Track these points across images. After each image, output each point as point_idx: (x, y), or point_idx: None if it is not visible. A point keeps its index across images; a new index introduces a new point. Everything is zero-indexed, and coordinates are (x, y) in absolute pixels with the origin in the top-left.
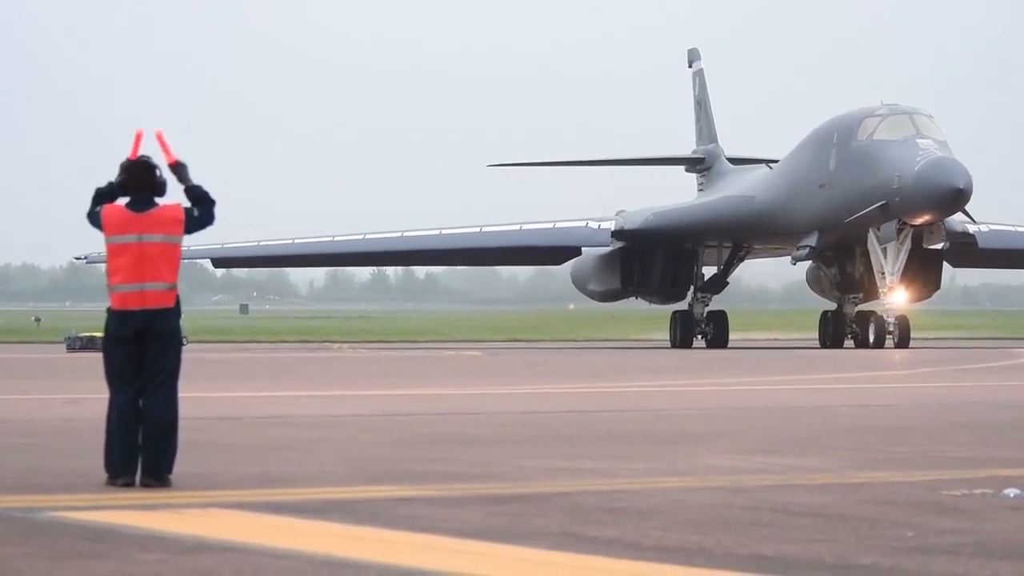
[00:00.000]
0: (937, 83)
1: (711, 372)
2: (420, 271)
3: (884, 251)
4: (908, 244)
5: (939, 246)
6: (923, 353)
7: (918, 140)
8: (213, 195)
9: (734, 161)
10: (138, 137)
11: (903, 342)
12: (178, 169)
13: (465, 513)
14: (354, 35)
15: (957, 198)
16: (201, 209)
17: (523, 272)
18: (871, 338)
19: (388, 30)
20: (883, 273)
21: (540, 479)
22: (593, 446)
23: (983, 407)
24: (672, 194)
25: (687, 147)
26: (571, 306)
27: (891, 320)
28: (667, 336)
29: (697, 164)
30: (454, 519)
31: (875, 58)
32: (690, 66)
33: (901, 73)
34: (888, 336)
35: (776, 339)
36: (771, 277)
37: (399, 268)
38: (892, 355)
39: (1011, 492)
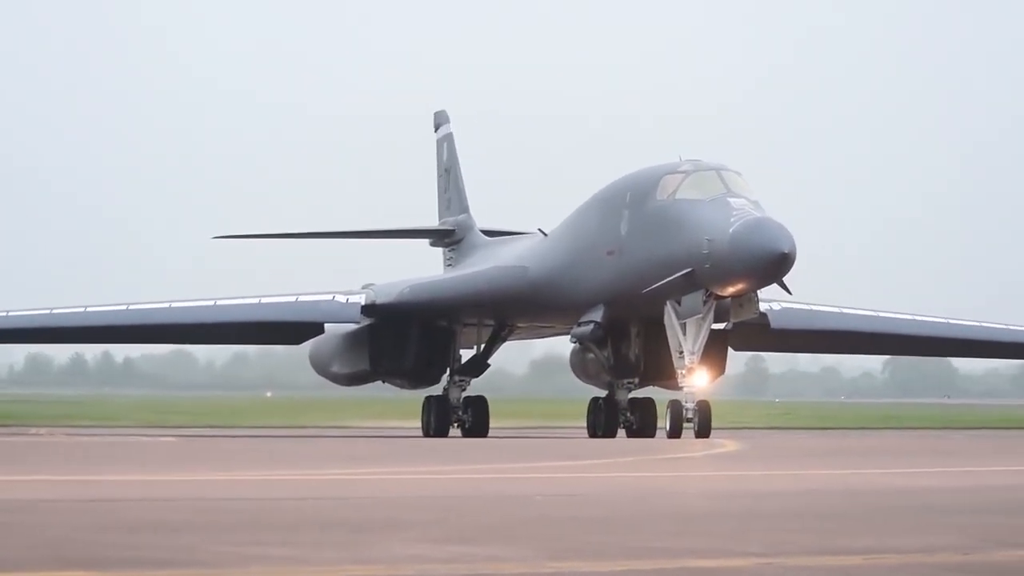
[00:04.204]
0: (720, 146)
1: (419, 460)
2: (118, 355)
3: (683, 326)
4: (711, 319)
5: (724, 324)
6: (629, 443)
7: (730, 199)
8: None
9: (490, 234)
10: None
11: (704, 430)
12: None
13: None
14: (56, 93)
15: (781, 264)
16: None
17: (220, 357)
18: (667, 426)
19: (98, 87)
20: (681, 352)
21: (232, 566)
22: (286, 533)
23: (683, 496)
24: (422, 271)
25: (432, 218)
26: (268, 393)
27: (690, 406)
28: (419, 424)
29: (446, 237)
30: None
31: (649, 122)
32: (436, 130)
33: (681, 138)
34: (687, 424)
35: (543, 427)
36: None
37: (98, 352)
38: (637, 443)
39: None
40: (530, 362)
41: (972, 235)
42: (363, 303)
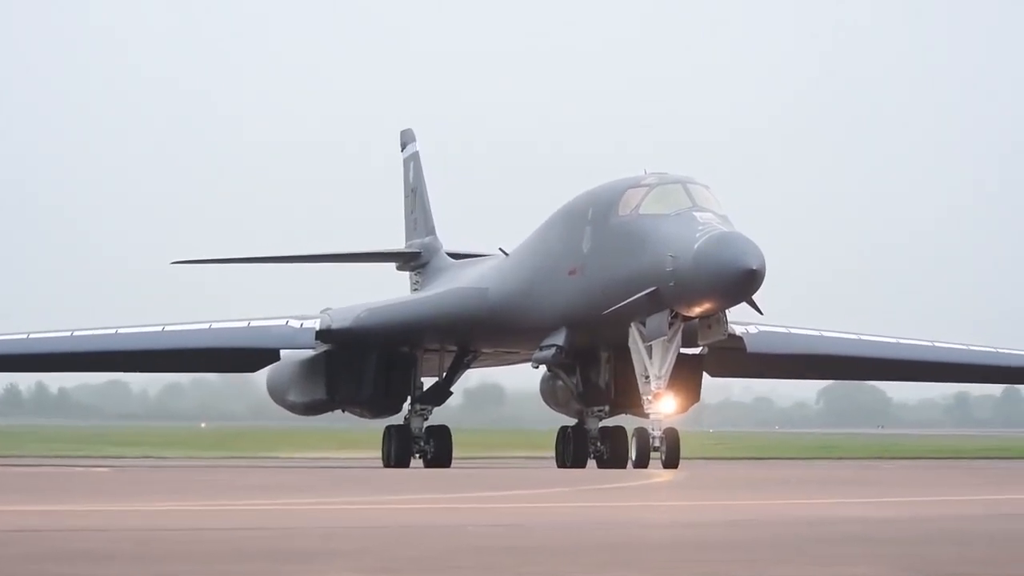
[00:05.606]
0: (691, 161)
1: (362, 490)
2: (52, 385)
3: (649, 349)
4: (678, 341)
5: (699, 348)
6: (576, 473)
7: (695, 213)
8: None
9: (455, 256)
10: None
11: (672, 460)
12: None
13: None
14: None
15: (749, 281)
16: None
17: (154, 387)
18: (633, 455)
19: (49, 102)
20: (647, 376)
21: None
22: (215, 563)
23: (617, 526)
24: (390, 296)
25: (399, 241)
26: (203, 424)
27: (657, 434)
28: (379, 454)
29: (412, 260)
30: None
31: (622, 141)
32: (403, 149)
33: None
34: (654, 452)
35: (513, 457)
36: None
37: (32, 382)
38: (605, 474)
39: None
40: (464, 391)
41: (962, 262)
42: (318, 328)
